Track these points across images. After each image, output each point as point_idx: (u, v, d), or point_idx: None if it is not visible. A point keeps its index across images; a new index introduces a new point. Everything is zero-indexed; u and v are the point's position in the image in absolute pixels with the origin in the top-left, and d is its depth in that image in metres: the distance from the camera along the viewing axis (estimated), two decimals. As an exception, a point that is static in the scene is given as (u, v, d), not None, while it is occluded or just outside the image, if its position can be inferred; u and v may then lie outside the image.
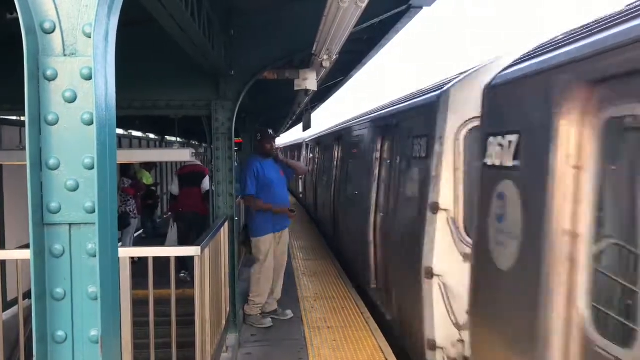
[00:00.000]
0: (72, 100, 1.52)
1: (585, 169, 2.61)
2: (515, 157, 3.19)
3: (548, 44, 3.31)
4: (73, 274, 1.55)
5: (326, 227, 12.75)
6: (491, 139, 3.55)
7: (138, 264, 4.03)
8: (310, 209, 17.05)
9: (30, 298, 1.55)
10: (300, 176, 6.04)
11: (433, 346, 4.70)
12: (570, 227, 2.65)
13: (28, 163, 1.49)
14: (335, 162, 11.66)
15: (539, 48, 3.41)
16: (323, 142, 15.12)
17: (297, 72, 6.51)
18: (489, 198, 3.52)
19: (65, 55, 1.52)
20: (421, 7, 5.57)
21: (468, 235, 4.52)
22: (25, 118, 1.49)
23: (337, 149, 11.73)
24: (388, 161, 6.80)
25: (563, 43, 3.04)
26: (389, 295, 6.23)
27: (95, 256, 1.54)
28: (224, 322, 5.24)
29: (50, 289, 1.54)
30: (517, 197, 3.15)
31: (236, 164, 6.76)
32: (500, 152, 3.37)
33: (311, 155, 18.75)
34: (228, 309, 5.67)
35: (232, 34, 5.76)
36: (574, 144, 2.66)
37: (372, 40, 7.40)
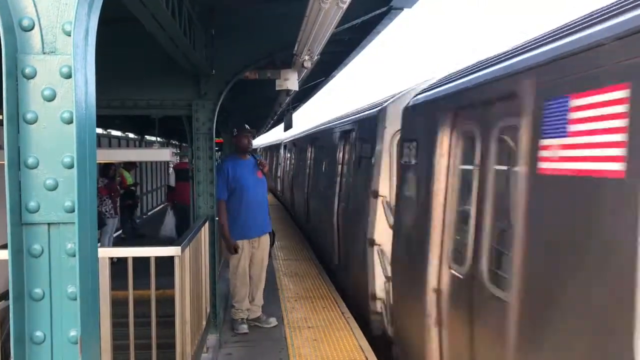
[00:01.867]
0: (51, 98, 1.51)
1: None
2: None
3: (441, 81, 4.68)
4: (52, 274, 1.54)
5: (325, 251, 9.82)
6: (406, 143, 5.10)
7: (117, 265, 4.00)
8: (300, 220, 14.34)
9: (7, 299, 1.53)
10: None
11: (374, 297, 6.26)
12: (442, 201, 4.09)
13: (6, 162, 1.47)
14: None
15: (436, 83, 4.86)
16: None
17: (279, 72, 6.50)
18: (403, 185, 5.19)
19: (44, 53, 1.51)
20: (402, 9, 5.61)
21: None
22: (3, 116, 1.48)
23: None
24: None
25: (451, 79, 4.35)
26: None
27: (74, 256, 1.53)
28: (204, 322, 5.22)
29: (28, 289, 1.52)
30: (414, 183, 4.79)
31: (216, 164, 6.66)
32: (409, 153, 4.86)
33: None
34: (208, 309, 5.65)
35: (213, 34, 5.74)
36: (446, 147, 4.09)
37: (354, 42, 7.43)
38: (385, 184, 6.35)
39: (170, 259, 3.95)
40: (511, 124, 3.16)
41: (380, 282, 6.28)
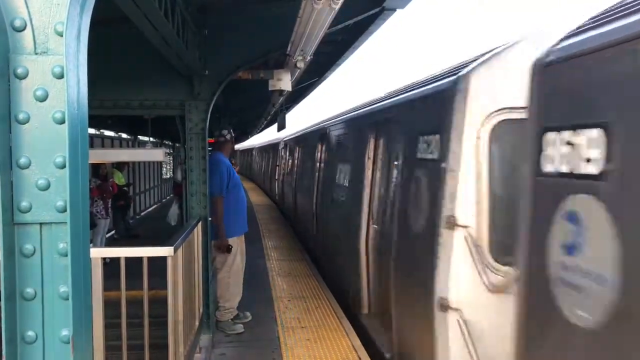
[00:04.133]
0: (44, 99, 1.51)
1: None
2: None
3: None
4: (44, 274, 1.54)
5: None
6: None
7: (110, 266, 3.99)
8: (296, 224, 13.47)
9: (-1, 299, 1.53)
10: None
11: None
12: None
13: None
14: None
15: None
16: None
17: (272, 72, 6.52)
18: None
19: (36, 54, 1.51)
20: (394, 10, 5.64)
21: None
22: None
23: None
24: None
25: None
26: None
27: (66, 256, 1.53)
28: (197, 322, 5.22)
29: (20, 288, 1.52)
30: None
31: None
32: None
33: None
34: (201, 309, 5.65)
35: (206, 34, 5.74)
36: None
37: (347, 42, 7.45)
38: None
39: (163, 259, 3.94)
40: None
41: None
